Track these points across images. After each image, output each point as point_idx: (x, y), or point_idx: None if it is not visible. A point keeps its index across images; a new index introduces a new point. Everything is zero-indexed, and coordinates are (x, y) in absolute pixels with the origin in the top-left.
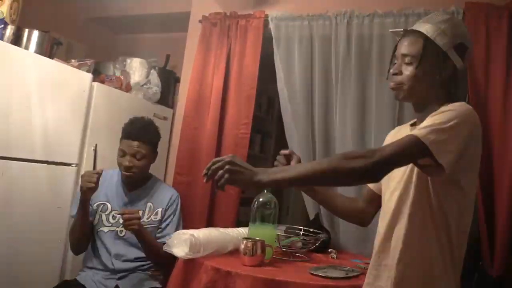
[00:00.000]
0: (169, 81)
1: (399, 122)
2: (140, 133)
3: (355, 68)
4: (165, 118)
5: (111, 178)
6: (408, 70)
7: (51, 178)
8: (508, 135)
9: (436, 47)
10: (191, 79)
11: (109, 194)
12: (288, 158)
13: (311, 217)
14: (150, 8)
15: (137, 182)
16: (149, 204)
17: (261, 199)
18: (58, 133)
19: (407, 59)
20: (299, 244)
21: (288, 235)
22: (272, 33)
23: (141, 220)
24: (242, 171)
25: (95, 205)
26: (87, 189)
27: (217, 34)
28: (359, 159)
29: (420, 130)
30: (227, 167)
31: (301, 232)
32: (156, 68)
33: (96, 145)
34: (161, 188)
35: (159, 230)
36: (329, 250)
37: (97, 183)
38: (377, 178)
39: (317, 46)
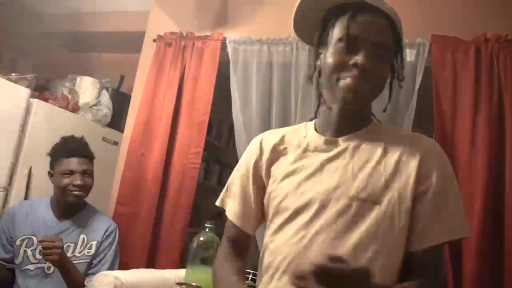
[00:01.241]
0: (123, 103)
1: None
2: (85, 150)
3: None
4: (115, 143)
5: (37, 208)
6: (380, 67)
7: None
8: (475, 169)
9: (397, 41)
10: (141, 100)
11: (36, 226)
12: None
13: None
14: (105, 26)
15: (73, 209)
16: (82, 236)
17: (201, 238)
18: None
19: (380, 51)
20: None
21: None
22: (229, 56)
23: (72, 254)
24: None
25: (18, 240)
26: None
27: (171, 54)
28: None
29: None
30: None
31: (250, 276)
32: (109, 89)
33: (30, 168)
34: (97, 218)
35: (92, 265)
36: None
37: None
38: None
39: (276, 72)
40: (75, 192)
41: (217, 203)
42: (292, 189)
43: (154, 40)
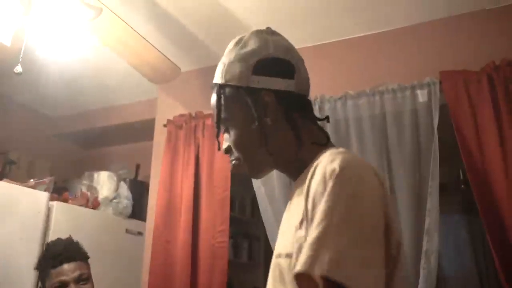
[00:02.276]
0: (142, 192)
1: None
2: (74, 252)
3: None
4: (139, 234)
5: None
6: (232, 138)
7: None
8: None
9: (232, 90)
10: (160, 187)
11: None
12: None
13: None
14: (116, 119)
15: None
16: None
17: None
18: (7, 262)
19: (219, 122)
20: None
21: None
22: None
23: None
24: None
25: None
26: None
27: (184, 136)
28: None
29: None
30: None
31: None
32: (127, 180)
33: None
34: None
35: None
36: None
37: None
38: None
39: None
40: None
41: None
42: None
43: (165, 125)
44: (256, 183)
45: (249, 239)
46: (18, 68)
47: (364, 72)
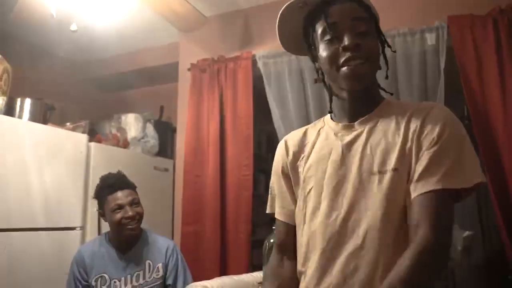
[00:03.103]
0: (166, 132)
1: None
2: (125, 182)
3: None
4: (166, 170)
5: (99, 248)
6: (367, 42)
7: (55, 244)
8: (510, 136)
9: (375, 19)
10: (187, 127)
11: (104, 264)
12: None
13: None
14: (137, 64)
15: (132, 241)
16: (148, 262)
17: (272, 240)
18: (58, 198)
19: (362, 27)
20: None
21: None
22: (262, 71)
23: (144, 281)
24: None
25: (92, 281)
26: None
27: (207, 79)
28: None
29: None
30: None
31: None
32: (152, 121)
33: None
34: (155, 242)
35: (168, 287)
36: None
37: None
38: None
39: (308, 78)
40: (130, 226)
41: (268, 211)
42: (320, 174)
43: (189, 69)
44: (277, 122)
45: (266, 174)
46: (74, 26)
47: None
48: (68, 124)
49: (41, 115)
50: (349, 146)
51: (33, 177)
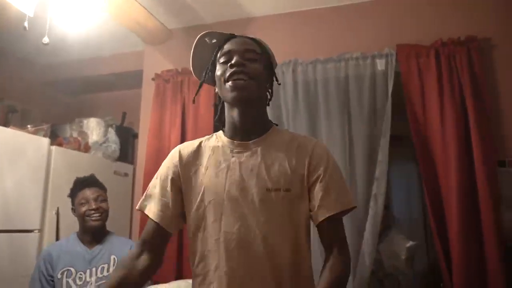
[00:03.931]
0: (127, 137)
1: (350, 155)
2: (94, 181)
3: (304, 109)
4: (125, 175)
5: (67, 244)
6: (253, 65)
7: (12, 246)
8: (448, 159)
9: (268, 56)
10: (149, 135)
11: (70, 258)
12: None
13: None
14: (101, 69)
15: (99, 236)
16: (112, 256)
17: None
18: (17, 200)
19: (250, 55)
20: None
21: None
22: None
23: (108, 273)
24: None
25: (58, 274)
26: None
27: (171, 90)
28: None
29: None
30: None
31: None
32: (114, 126)
33: (57, 208)
34: (120, 241)
35: None
36: None
37: None
38: None
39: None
40: (93, 217)
41: (137, 207)
42: (220, 188)
43: (153, 79)
44: None
45: None
46: (46, 39)
47: (333, 41)
48: (29, 126)
49: (3, 117)
50: (245, 163)
51: None
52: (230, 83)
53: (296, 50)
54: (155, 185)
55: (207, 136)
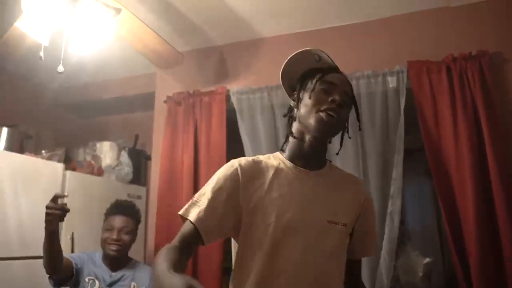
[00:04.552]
0: (140, 160)
1: (364, 171)
2: (127, 209)
3: None
4: (139, 197)
5: (96, 258)
6: (344, 112)
7: (29, 273)
8: (462, 172)
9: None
10: (162, 157)
11: (96, 272)
12: None
13: None
14: (113, 92)
15: (120, 263)
16: (133, 283)
17: None
18: (33, 227)
19: (346, 98)
20: None
21: None
22: (235, 106)
23: None
24: None
25: (86, 278)
26: (53, 218)
27: (183, 112)
28: None
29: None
30: None
31: None
32: (126, 148)
33: (72, 233)
34: (142, 268)
35: None
36: None
37: (63, 209)
38: None
39: (279, 114)
40: (112, 247)
41: (180, 212)
42: (284, 211)
43: (165, 101)
44: (248, 155)
45: None
46: (61, 68)
47: (343, 60)
48: (43, 152)
49: (18, 144)
50: (308, 191)
51: (9, 206)
52: (323, 114)
53: None
54: (204, 193)
55: (266, 155)
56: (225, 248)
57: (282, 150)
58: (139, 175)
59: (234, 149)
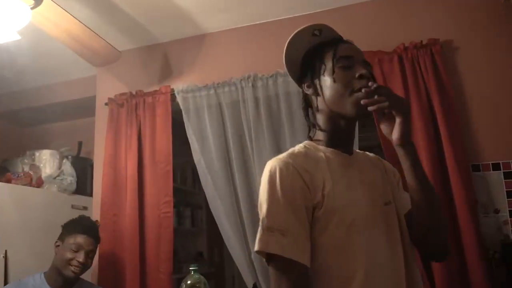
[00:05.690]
0: (85, 168)
1: None
2: (95, 233)
3: (267, 127)
4: (84, 208)
5: (34, 284)
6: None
7: None
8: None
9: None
10: (104, 164)
11: None
12: None
13: (249, 287)
14: (53, 98)
15: (72, 283)
16: None
17: (188, 282)
18: None
19: (368, 69)
20: None
21: None
22: (180, 105)
23: None
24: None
25: None
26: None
27: (125, 114)
28: None
29: None
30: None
31: None
32: (69, 157)
33: (5, 251)
34: (88, 286)
35: None
36: None
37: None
38: None
39: (227, 112)
40: (75, 269)
41: (259, 248)
42: (355, 203)
43: (106, 104)
44: (197, 156)
45: (192, 208)
46: None
47: None
48: None
49: None
50: (363, 176)
51: None
52: (359, 94)
53: (255, 64)
54: (281, 218)
55: (297, 146)
56: (179, 257)
57: (311, 138)
58: (85, 185)
59: (181, 153)
